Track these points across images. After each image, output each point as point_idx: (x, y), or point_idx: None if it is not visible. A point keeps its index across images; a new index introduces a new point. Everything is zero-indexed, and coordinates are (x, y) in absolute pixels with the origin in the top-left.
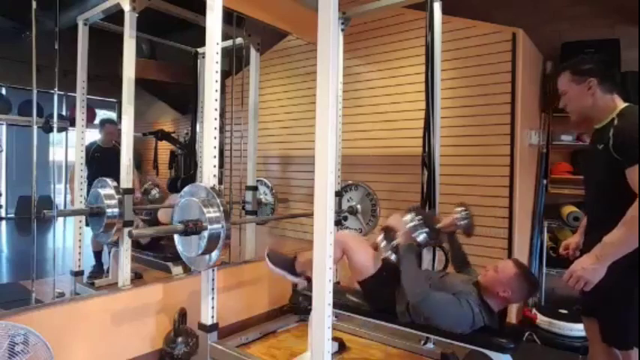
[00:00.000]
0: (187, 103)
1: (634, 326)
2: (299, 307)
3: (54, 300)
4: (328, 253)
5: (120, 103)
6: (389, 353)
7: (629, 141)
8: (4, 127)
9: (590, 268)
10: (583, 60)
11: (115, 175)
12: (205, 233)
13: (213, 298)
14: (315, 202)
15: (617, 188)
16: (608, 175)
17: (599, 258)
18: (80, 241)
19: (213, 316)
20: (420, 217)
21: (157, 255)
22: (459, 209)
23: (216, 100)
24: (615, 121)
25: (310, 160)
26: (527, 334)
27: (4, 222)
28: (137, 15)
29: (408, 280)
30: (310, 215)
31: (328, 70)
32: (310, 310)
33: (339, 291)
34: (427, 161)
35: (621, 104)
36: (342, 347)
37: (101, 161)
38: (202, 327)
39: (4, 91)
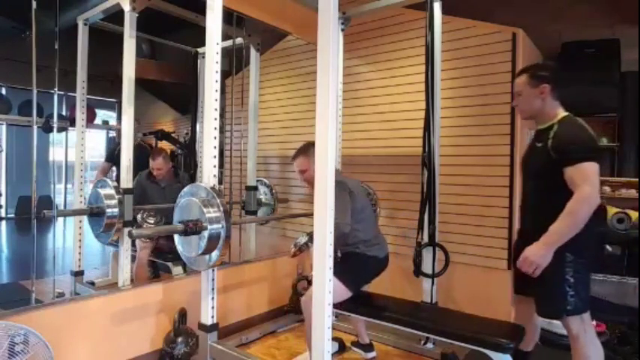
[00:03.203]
0: (187, 103)
1: (562, 300)
2: (299, 307)
3: (54, 300)
4: (328, 253)
5: (120, 103)
6: (389, 353)
7: (566, 146)
8: (4, 127)
9: (540, 254)
10: (541, 66)
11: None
12: (205, 233)
13: (213, 298)
14: (315, 202)
15: (552, 180)
16: (546, 169)
17: (548, 245)
18: (80, 241)
19: (213, 316)
20: None
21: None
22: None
23: (216, 100)
24: (555, 127)
25: None
26: None
27: (4, 222)
28: (137, 15)
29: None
30: (310, 215)
31: (328, 70)
32: None
33: None
34: (427, 161)
35: (562, 112)
36: (342, 347)
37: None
38: (202, 327)
39: (4, 91)
